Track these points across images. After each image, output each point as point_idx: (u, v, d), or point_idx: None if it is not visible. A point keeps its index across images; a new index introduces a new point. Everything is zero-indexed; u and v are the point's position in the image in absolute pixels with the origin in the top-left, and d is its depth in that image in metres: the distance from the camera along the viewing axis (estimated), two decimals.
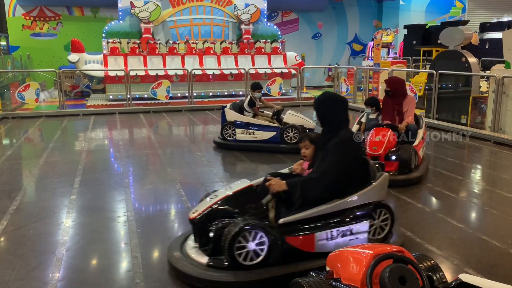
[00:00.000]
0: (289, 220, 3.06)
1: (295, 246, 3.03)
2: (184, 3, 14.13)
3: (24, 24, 15.63)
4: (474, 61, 9.05)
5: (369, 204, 3.22)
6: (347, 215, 3.18)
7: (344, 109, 3.32)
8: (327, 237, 3.11)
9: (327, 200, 3.16)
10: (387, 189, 3.37)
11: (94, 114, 11.00)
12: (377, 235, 3.28)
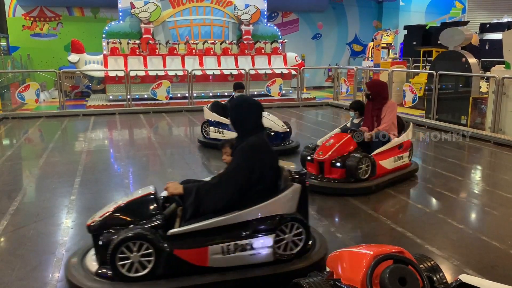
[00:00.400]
0: (178, 232, 2.85)
1: (185, 259, 2.82)
2: (184, 3, 14.13)
3: (24, 24, 15.64)
4: (474, 61, 9.05)
5: (274, 217, 2.96)
6: (246, 228, 2.93)
7: (257, 115, 3.11)
8: (223, 251, 2.87)
9: (225, 210, 2.91)
10: (297, 201, 3.07)
11: (94, 115, 11.00)
12: (289, 250, 3.01)
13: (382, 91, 5.55)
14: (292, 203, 3.07)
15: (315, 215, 4.36)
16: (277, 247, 2.98)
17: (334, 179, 5.02)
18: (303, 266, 2.99)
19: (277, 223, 2.97)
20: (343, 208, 4.66)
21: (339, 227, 4.10)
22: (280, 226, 2.97)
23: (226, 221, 2.90)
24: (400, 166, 5.44)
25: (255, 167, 2.96)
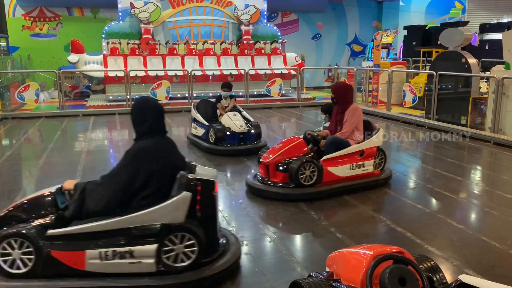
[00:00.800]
0: (57, 233, 2.83)
1: (62, 261, 2.80)
2: (184, 3, 14.13)
3: (24, 24, 15.63)
4: (474, 62, 9.05)
5: (156, 226, 2.85)
6: (126, 235, 2.84)
7: (155, 117, 3.02)
8: (101, 256, 2.80)
9: (106, 213, 2.87)
10: (185, 210, 2.88)
11: (94, 115, 11.00)
12: (180, 262, 2.88)
13: (345, 94, 5.25)
14: (178, 213, 2.88)
15: (314, 215, 4.36)
16: (166, 258, 2.85)
17: (275, 183, 4.87)
18: (207, 275, 2.92)
19: (159, 232, 2.84)
20: (343, 208, 4.66)
21: (339, 228, 4.09)
22: (165, 236, 2.84)
23: (106, 226, 2.83)
24: (360, 174, 5.08)
25: (140, 172, 2.89)
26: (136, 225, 2.86)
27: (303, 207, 4.57)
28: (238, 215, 4.43)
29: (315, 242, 3.86)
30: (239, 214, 4.45)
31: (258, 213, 4.50)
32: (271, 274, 3.23)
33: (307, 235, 3.93)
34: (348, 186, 4.99)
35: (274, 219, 4.42)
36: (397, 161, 6.88)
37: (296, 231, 4.03)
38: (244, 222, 4.24)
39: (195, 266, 2.92)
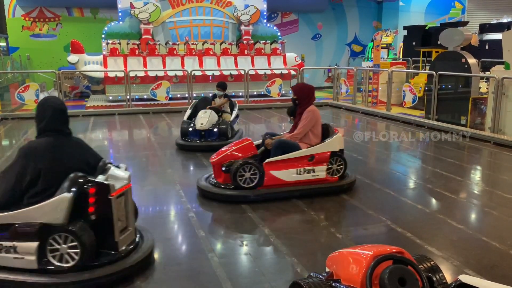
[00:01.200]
0: None
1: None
2: (184, 4, 14.13)
3: (24, 25, 15.62)
4: (474, 62, 9.05)
5: (35, 224, 2.87)
6: (11, 230, 2.90)
7: (53, 118, 3.06)
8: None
9: (4, 205, 2.96)
10: (65, 211, 2.88)
11: (94, 115, 11.00)
12: (65, 262, 2.91)
13: (306, 96, 5.12)
14: (57, 213, 2.88)
15: (315, 216, 4.36)
16: (52, 256, 2.89)
17: (218, 184, 4.87)
18: (86, 278, 2.91)
19: (39, 231, 2.87)
20: (342, 209, 4.66)
21: (339, 228, 4.09)
22: (46, 235, 2.87)
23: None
24: (310, 180, 4.87)
25: (27, 169, 2.95)
26: (20, 221, 2.90)
27: (303, 207, 4.57)
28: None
29: (315, 242, 3.86)
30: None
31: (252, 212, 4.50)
32: (271, 274, 3.23)
33: (307, 235, 3.93)
34: (296, 191, 4.81)
35: (272, 221, 4.42)
36: (397, 161, 6.88)
37: (296, 231, 4.03)
38: (244, 222, 4.24)
39: (85, 268, 2.93)
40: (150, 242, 3.39)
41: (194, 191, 5.14)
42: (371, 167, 6.59)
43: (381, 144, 8.18)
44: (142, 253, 3.23)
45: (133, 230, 3.31)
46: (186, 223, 4.19)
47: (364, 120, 10.59)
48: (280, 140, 4.97)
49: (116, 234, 3.08)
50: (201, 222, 4.18)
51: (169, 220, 4.40)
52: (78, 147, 3.26)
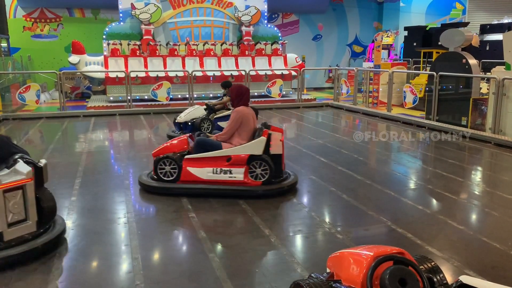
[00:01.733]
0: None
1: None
2: (185, 4, 14.14)
3: (25, 25, 15.65)
4: (475, 62, 9.05)
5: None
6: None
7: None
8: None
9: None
10: None
11: (95, 116, 11.01)
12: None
13: (236, 96, 5.21)
14: None
15: (316, 216, 4.36)
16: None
17: (150, 175, 5.24)
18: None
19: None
20: (343, 209, 4.66)
21: (340, 228, 4.10)
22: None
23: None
24: (226, 180, 4.88)
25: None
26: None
27: (302, 208, 4.57)
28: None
29: (316, 243, 3.87)
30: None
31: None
32: (272, 275, 3.23)
33: (307, 236, 3.93)
34: (213, 189, 4.89)
35: (272, 219, 4.42)
36: (397, 162, 6.88)
37: (297, 231, 4.03)
38: (244, 223, 4.24)
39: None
40: (47, 237, 3.58)
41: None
42: (371, 167, 6.60)
43: (381, 145, 8.18)
44: (29, 246, 3.40)
45: (33, 223, 3.50)
46: (187, 224, 4.19)
47: (364, 121, 10.59)
48: (201, 138, 5.12)
49: (1, 224, 3.31)
50: (201, 222, 4.18)
51: (170, 221, 4.40)
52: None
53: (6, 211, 3.34)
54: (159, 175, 5.00)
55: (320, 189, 5.30)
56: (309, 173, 5.97)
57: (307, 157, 6.86)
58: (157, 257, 3.57)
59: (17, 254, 3.32)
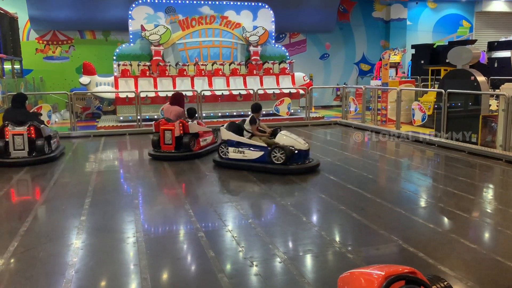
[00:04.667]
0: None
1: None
2: (194, 26, 14.37)
3: (38, 47, 15.99)
4: (483, 79, 9.03)
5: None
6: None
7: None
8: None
9: None
10: None
11: (105, 135, 11.11)
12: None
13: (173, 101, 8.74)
14: None
15: (325, 235, 4.32)
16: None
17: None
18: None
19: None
20: (353, 228, 4.61)
21: (350, 248, 4.05)
22: None
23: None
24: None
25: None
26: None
27: (312, 227, 4.54)
28: (247, 235, 4.41)
29: (326, 263, 3.82)
30: (248, 234, 4.43)
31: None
32: None
33: (317, 255, 3.89)
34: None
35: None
36: (407, 180, 6.83)
37: (307, 251, 3.99)
38: (254, 242, 4.21)
39: None
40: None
41: (204, 210, 5.15)
42: (381, 185, 6.55)
43: (391, 163, 8.13)
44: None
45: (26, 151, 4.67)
46: (196, 243, 4.18)
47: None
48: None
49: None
50: (210, 242, 4.17)
51: (179, 240, 4.39)
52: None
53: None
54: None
55: (330, 208, 5.26)
56: (318, 191, 5.94)
57: (316, 175, 6.84)
58: (166, 277, 3.55)
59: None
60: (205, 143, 8.60)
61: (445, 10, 20.61)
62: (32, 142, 7.77)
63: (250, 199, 5.77)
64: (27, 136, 7.70)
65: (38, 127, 7.91)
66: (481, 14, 20.84)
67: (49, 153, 8.03)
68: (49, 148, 8.10)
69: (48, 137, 8.09)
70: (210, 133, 8.92)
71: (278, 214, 5.15)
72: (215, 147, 8.30)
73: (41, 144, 7.79)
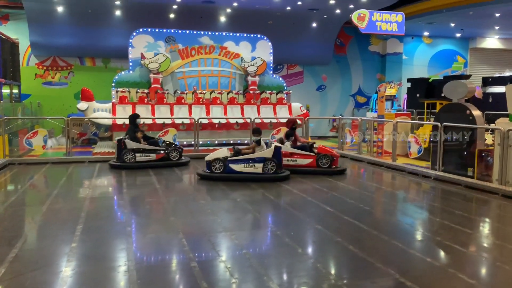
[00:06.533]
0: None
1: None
2: (193, 55, 14.57)
3: (37, 73, 16.11)
4: (479, 114, 9.11)
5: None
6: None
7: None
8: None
9: None
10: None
11: (100, 162, 11.04)
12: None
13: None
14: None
15: (320, 268, 4.23)
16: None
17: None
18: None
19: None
20: (349, 261, 4.53)
21: (346, 281, 3.96)
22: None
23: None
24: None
25: None
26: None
27: (307, 258, 4.45)
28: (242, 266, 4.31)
29: None
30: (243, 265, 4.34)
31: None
32: None
33: None
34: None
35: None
36: (404, 213, 6.77)
37: (302, 283, 3.89)
38: (247, 273, 4.12)
39: None
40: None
41: (197, 240, 5.06)
42: (378, 218, 6.48)
43: (387, 195, 8.09)
44: None
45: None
46: (188, 274, 4.08)
47: (369, 170, 10.55)
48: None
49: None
50: (203, 272, 4.07)
51: (171, 270, 4.28)
52: None
53: None
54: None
55: (326, 240, 5.18)
56: (314, 222, 5.87)
57: (312, 206, 6.78)
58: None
59: None
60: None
61: (440, 45, 21.04)
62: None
63: (245, 230, 5.68)
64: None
65: None
66: (475, 50, 21.28)
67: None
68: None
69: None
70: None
71: (272, 245, 5.06)
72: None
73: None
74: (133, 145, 10.18)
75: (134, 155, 10.14)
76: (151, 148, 10.33)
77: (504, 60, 21.42)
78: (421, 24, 17.95)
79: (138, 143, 10.27)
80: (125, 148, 10.16)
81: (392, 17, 13.64)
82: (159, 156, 10.41)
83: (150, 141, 10.55)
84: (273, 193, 7.61)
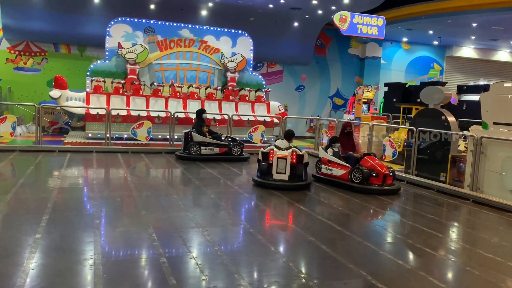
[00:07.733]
0: None
1: None
2: (172, 47, 14.34)
3: (8, 57, 15.55)
4: (453, 120, 9.26)
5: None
6: None
7: None
8: None
9: None
10: None
11: (71, 152, 10.72)
12: None
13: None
14: None
15: (292, 267, 4.18)
16: None
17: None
18: None
19: None
20: (322, 261, 4.49)
21: (317, 281, 3.91)
22: None
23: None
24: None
25: None
26: None
27: (282, 260, 4.39)
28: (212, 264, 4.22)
29: None
30: (214, 263, 4.24)
31: None
32: None
33: (283, 287, 3.74)
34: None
35: None
36: (377, 215, 6.79)
37: (272, 282, 3.83)
38: (217, 268, 4.02)
39: None
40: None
41: (168, 235, 4.93)
42: (351, 218, 6.49)
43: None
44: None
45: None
46: (157, 269, 3.95)
47: None
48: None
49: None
50: (172, 268, 3.95)
51: (139, 265, 4.15)
52: None
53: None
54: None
55: (298, 239, 5.14)
56: (287, 221, 5.81)
57: (286, 205, 6.73)
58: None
59: None
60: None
61: (418, 52, 21.41)
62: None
63: (218, 227, 5.59)
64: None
65: None
66: (451, 58, 21.76)
67: None
68: None
69: None
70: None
71: (245, 243, 4.98)
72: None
73: None
74: (199, 139, 10.50)
75: (199, 148, 10.39)
76: (215, 142, 10.60)
77: (478, 70, 21.98)
78: (400, 29, 18.21)
79: (204, 137, 10.57)
80: (191, 141, 10.47)
81: (373, 20, 13.75)
82: (222, 150, 10.63)
83: (214, 135, 10.83)
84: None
